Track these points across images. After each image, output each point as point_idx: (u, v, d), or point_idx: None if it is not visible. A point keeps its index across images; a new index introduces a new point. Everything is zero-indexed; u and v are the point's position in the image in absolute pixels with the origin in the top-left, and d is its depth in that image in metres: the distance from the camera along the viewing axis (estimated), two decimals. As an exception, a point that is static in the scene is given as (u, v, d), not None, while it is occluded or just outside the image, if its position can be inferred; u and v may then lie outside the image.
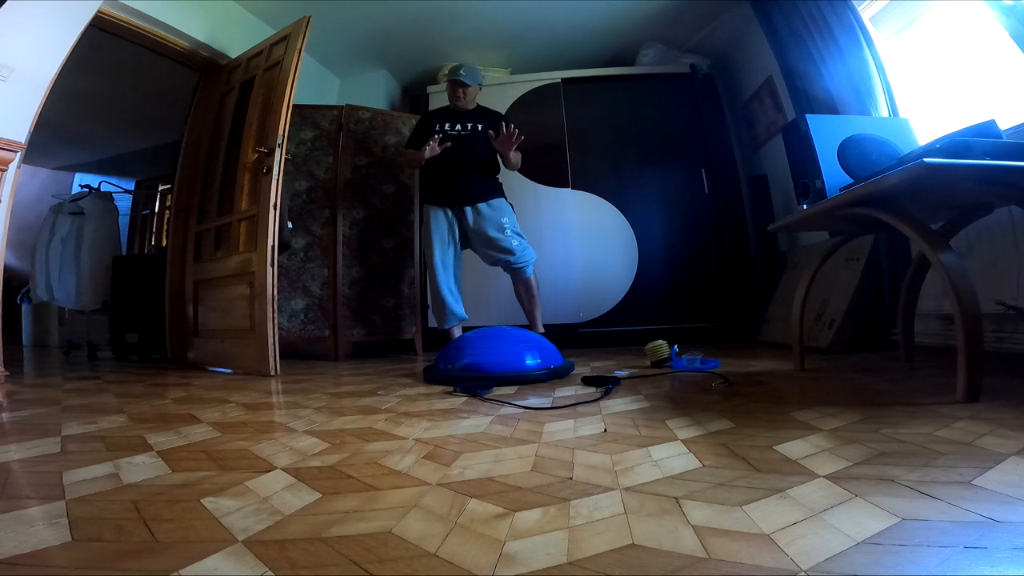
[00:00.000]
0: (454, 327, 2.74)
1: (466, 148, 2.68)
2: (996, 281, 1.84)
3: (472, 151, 2.69)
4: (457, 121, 2.72)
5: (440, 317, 2.74)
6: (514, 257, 2.65)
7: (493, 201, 2.70)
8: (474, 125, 2.72)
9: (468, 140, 2.70)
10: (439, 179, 2.72)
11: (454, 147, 2.65)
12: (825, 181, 1.61)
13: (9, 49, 1.72)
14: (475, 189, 2.69)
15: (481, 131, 2.70)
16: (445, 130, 2.68)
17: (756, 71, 3.39)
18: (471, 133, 2.71)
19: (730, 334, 3.26)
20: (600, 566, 0.49)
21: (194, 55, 2.88)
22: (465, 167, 2.67)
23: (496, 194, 2.74)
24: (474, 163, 2.69)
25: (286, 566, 0.51)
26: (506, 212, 2.72)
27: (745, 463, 0.77)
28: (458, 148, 2.66)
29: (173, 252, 2.98)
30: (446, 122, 2.72)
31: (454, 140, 2.67)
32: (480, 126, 2.72)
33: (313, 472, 0.81)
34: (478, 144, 2.70)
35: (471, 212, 2.68)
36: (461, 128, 2.71)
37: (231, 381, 2.07)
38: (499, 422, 1.15)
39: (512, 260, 2.65)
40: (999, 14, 1.72)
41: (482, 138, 2.69)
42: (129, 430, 1.16)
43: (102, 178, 4.84)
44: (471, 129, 2.71)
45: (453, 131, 2.69)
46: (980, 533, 0.50)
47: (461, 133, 2.70)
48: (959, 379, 1.11)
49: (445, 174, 2.69)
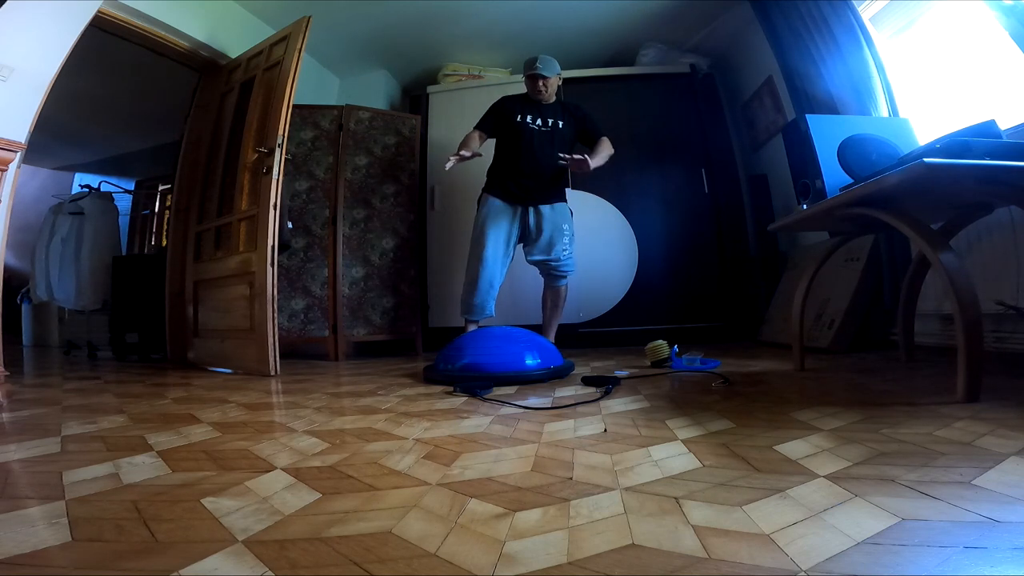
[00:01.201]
0: (475, 321, 2.61)
1: (545, 145, 2.55)
2: (996, 281, 1.84)
3: (550, 149, 2.54)
4: (539, 115, 2.58)
5: (470, 307, 2.58)
6: (560, 264, 2.58)
7: (557, 205, 2.62)
8: (555, 122, 2.59)
9: (548, 137, 2.57)
10: (510, 172, 2.59)
11: (532, 142, 2.55)
12: (825, 181, 1.61)
13: (9, 49, 1.73)
14: (545, 189, 2.59)
15: (562, 128, 2.59)
16: (527, 122, 2.55)
17: (756, 71, 3.39)
18: (551, 130, 2.58)
19: (730, 334, 3.26)
20: (600, 566, 0.48)
21: (194, 55, 2.88)
22: (539, 165, 2.55)
23: (561, 197, 2.66)
24: (549, 163, 2.53)
25: (286, 566, 0.51)
26: (568, 218, 2.64)
27: (745, 463, 0.77)
28: (536, 144, 2.55)
29: (173, 252, 2.98)
30: (528, 114, 2.57)
31: (535, 135, 2.55)
32: (561, 123, 2.60)
33: (313, 472, 0.81)
34: (558, 143, 2.57)
35: (533, 212, 2.58)
36: (543, 123, 2.58)
37: (231, 381, 2.07)
38: (499, 422, 1.15)
39: (557, 266, 2.58)
40: (999, 14, 1.72)
41: (563, 137, 2.59)
42: (129, 430, 1.16)
43: (102, 178, 4.84)
44: (551, 126, 2.58)
45: (534, 124, 2.56)
46: (980, 533, 0.50)
47: (542, 129, 2.57)
48: (959, 379, 1.11)
49: (517, 168, 2.57)
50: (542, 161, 2.54)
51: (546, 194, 2.60)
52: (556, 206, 2.62)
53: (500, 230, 2.55)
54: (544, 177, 2.57)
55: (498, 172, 2.64)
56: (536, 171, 2.56)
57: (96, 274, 3.54)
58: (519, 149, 2.56)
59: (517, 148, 2.56)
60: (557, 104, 2.66)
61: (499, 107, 2.64)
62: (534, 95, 2.60)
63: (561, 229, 2.58)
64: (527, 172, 2.56)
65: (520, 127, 2.56)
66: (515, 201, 2.58)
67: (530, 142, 2.54)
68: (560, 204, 2.64)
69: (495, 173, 2.66)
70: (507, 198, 2.58)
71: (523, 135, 2.56)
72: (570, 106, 2.70)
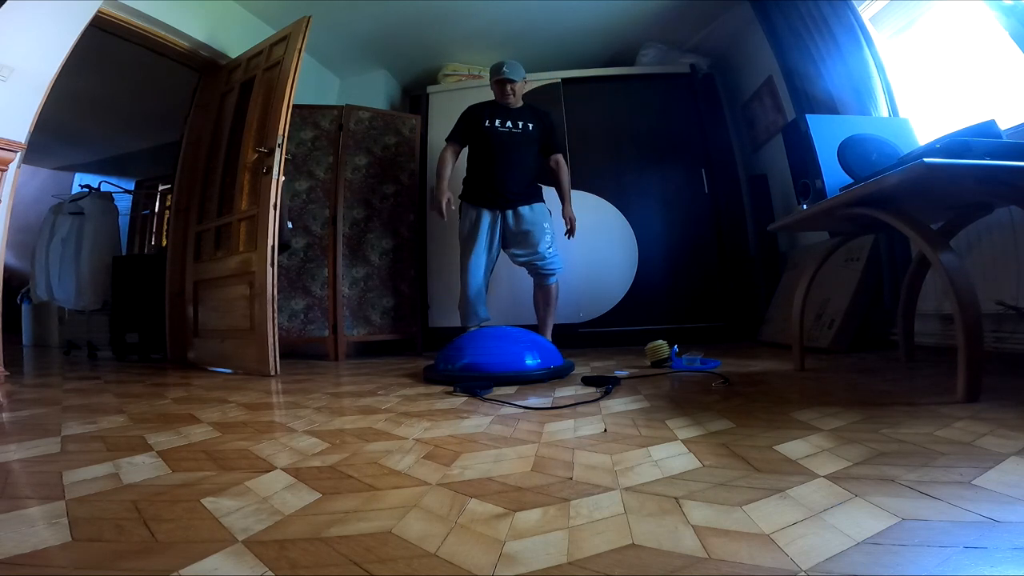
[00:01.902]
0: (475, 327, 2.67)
1: (515, 147, 2.61)
2: (996, 281, 1.84)
3: (520, 151, 2.62)
4: (507, 118, 2.63)
5: (465, 316, 2.70)
6: (544, 262, 2.62)
7: (535, 205, 2.66)
8: (524, 124, 2.64)
9: (517, 139, 2.62)
10: (484, 178, 2.64)
11: (502, 145, 2.60)
12: (825, 181, 1.61)
13: (9, 49, 1.73)
14: (519, 191, 2.62)
15: (532, 130, 2.64)
16: (495, 126, 2.61)
17: (756, 71, 3.39)
18: (521, 132, 2.63)
19: (730, 334, 3.26)
20: (600, 566, 0.48)
21: (194, 55, 2.88)
22: (511, 167, 2.60)
23: (538, 198, 2.69)
24: (521, 164, 2.62)
25: (286, 566, 0.51)
26: (547, 217, 2.68)
27: (745, 463, 0.77)
28: (506, 147, 2.60)
29: (173, 252, 2.98)
30: (496, 118, 2.63)
31: (505, 138, 2.60)
32: (531, 125, 2.65)
33: (313, 472, 0.81)
34: (527, 144, 2.63)
35: (512, 215, 2.62)
36: (512, 126, 2.62)
37: (231, 381, 2.07)
38: (499, 422, 1.15)
39: (542, 265, 2.62)
40: (999, 14, 1.72)
41: (532, 138, 2.64)
42: (129, 430, 1.16)
43: (102, 178, 4.84)
44: (521, 128, 2.63)
45: (503, 128, 2.61)
46: (980, 533, 0.50)
47: (512, 131, 2.62)
48: (959, 379, 1.11)
49: (490, 173, 2.62)
50: (514, 163, 2.60)
51: (522, 195, 2.63)
52: (534, 206, 2.65)
53: (481, 238, 2.62)
54: (518, 178, 2.61)
55: (472, 179, 2.70)
56: (509, 174, 2.60)
57: (96, 274, 3.53)
58: (491, 154, 2.61)
59: (488, 153, 2.61)
60: (526, 108, 2.72)
61: (467, 116, 2.70)
62: (502, 100, 2.66)
63: (541, 228, 2.62)
64: (500, 176, 2.60)
65: (489, 132, 2.61)
66: (492, 206, 2.63)
67: (500, 146, 2.61)
68: (538, 204, 2.68)
69: (470, 181, 2.72)
70: (484, 204, 2.63)
71: (492, 139, 2.61)
72: (540, 112, 2.76)
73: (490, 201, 2.63)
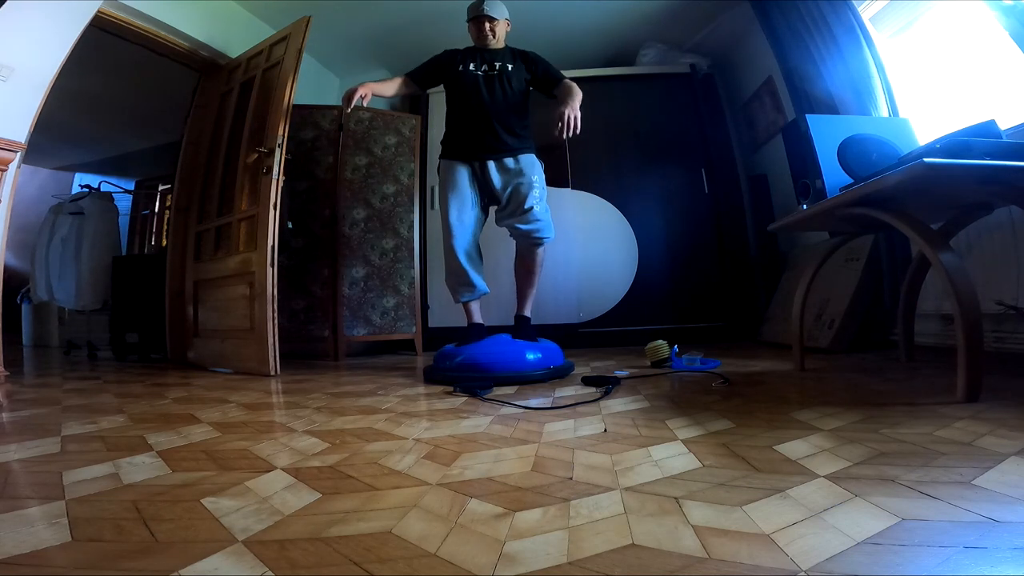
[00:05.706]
0: (472, 301, 2.24)
1: (492, 91, 2.20)
2: (996, 281, 1.84)
3: (500, 95, 2.20)
4: (484, 61, 2.24)
5: (454, 288, 2.22)
6: (532, 226, 2.16)
7: (522, 156, 2.20)
8: (503, 65, 2.24)
9: (494, 82, 2.21)
10: (461, 128, 2.25)
11: (477, 89, 2.21)
12: (825, 181, 1.61)
13: (9, 49, 1.73)
14: (503, 140, 2.19)
15: (511, 71, 2.24)
16: (469, 69, 2.23)
17: (756, 71, 3.39)
18: (499, 73, 2.22)
19: (730, 334, 3.26)
20: (600, 566, 0.48)
21: (194, 55, 2.88)
22: (489, 114, 2.19)
23: (527, 149, 2.24)
24: (501, 109, 2.20)
25: (286, 566, 0.51)
26: (537, 170, 2.22)
27: (745, 463, 0.77)
28: (482, 91, 2.20)
29: (173, 252, 2.98)
30: (470, 62, 2.24)
31: (480, 81, 2.21)
32: (510, 66, 2.25)
33: (313, 472, 0.81)
34: (507, 86, 2.21)
35: (494, 166, 2.19)
36: (489, 68, 2.23)
37: (231, 381, 2.07)
38: (499, 422, 1.15)
39: (530, 231, 2.16)
40: (999, 14, 1.72)
41: (514, 79, 2.23)
42: (129, 430, 1.16)
43: (102, 178, 4.84)
44: (499, 69, 2.23)
45: (479, 71, 2.22)
46: (980, 533, 0.50)
47: (488, 73, 2.22)
48: (959, 379, 1.11)
49: (468, 122, 2.22)
50: (492, 107, 2.20)
51: (504, 143, 2.20)
52: (521, 157, 2.21)
53: (460, 195, 2.21)
54: (501, 125, 2.20)
55: (449, 133, 2.32)
56: (487, 121, 2.19)
57: (96, 274, 3.53)
58: (465, 99, 2.23)
59: (463, 98, 2.24)
60: (507, 49, 2.34)
61: (439, 57, 2.35)
62: (480, 41, 2.30)
63: (530, 181, 2.17)
64: (477, 123, 2.21)
65: (462, 75, 2.24)
66: (469, 157, 2.23)
67: (475, 89, 2.21)
68: (526, 155, 2.22)
69: (447, 136, 2.33)
70: (460, 156, 2.24)
71: (466, 83, 2.23)
72: (520, 51, 2.36)
73: (467, 153, 2.23)
